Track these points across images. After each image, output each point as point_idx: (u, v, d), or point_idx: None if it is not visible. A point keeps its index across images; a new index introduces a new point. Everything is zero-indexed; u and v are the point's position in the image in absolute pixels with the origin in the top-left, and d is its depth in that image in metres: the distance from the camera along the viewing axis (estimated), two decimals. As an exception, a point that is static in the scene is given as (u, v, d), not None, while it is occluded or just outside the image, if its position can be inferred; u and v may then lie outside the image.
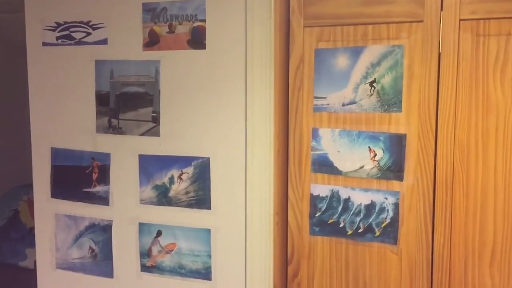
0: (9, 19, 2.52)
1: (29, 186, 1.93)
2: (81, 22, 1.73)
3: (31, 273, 2.02)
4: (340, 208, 1.56)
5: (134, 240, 1.74)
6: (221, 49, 1.58)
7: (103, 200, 1.76)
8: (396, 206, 1.50)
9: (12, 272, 3.05)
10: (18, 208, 3.31)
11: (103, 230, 1.77)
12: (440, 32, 1.41)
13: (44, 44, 1.79)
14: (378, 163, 1.51)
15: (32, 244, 1.95)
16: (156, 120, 1.67)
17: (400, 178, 1.49)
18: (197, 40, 1.60)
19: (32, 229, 1.94)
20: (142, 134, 1.69)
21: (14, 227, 3.27)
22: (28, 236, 3.14)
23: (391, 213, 1.51)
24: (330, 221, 1.58)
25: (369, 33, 1.49)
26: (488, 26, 1.37)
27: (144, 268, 1.73)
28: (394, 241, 1.51)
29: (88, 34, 1.73)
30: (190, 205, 1.66)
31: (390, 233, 1.51)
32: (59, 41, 1.77)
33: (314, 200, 1.59)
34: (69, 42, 1.75)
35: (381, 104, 1.49)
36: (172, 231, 1.69)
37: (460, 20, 1.39)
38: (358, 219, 1.54)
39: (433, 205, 1.46)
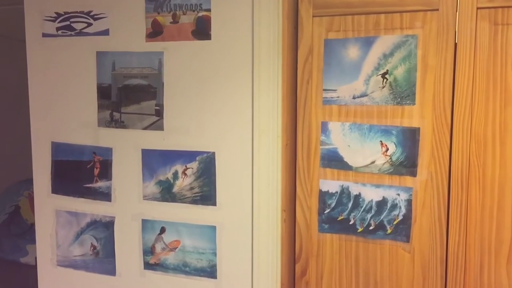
0: (8, 12, 2.47)
1: (30, 181, 1.89)
2: (82, 12, 1.68)
3: (33, 269, 1.99)
4: (350, 205, 1.51)
5: (137, 237, 1.69)
6: (227, 40, 1.53)
7: (105, 196, 1.71)
8: (409, 202, 1.45)
9: (13, 268, 3.03)
10: (19, 203, 3.28)
11: (105, 227, 1.73)
12: (456, 21, 1.36)
13: (44, 35, 1.74)
14: (390, 158, 1.46)
15: (33, 240, 1.91)
16: (159, 113, 1.62)
17: (413, 173, 1.44)
18: (202, 30, 1.55)
19: (33, 225, 1.91)
20: (145, 128, 1.64)
21: (15, 222, 3.24)
22: (29, 232, 3.11)
23: (403, 210, 1.46)
24: (340, 218, 1.53)
25: (381, 22, 1.43)
26: (507, 15, 1.32)
27: (147, 265, 1.69)
28: (407, 238, 1.46)
29: (89, 24, 1.68)
30: (194, 201, 1.61)
31: (403, 230, 1.46)
32: (59, 32, 1.72)
33: (323, 196, 1.54)
34: (70, 33, 1.70)
35: (393, 97, 1.44)
36: (176, 228, 1.64)
37: (478, 8, 1.33)
38: (369, 216, 1.49)
39: (447, 201, 1.41)
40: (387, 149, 1.46)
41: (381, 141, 1.46)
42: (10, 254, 3.12)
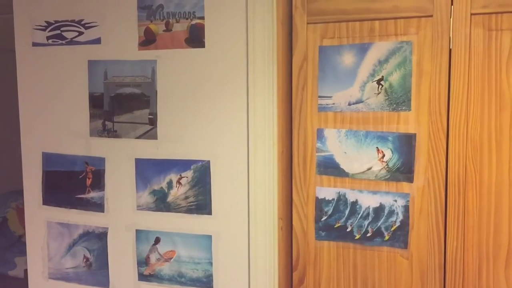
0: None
1: (18, 193, 1.86)
2: (73, 21, 1.66)
3: (21, 282, 1.95)
4: (347, 212, 1.51)
5: (131, 248, 1.66)
6: (221, 48, 1.52)
7: (98, 206, 1.69)
8: (406, 208, 1.44)
9: (1, 282, 2.97)
10: (7, 215, 3.22)
11: (98, 238, 1.70)
12: (450, 27, 1.36)
13: (34, 44, 1.71)
14: (387, 164, 1.45)
15: (21, 252, 1.88)
16: (153, 122, 1.60)
17: (410, 179, 1.43)
18: (195, 38, 1.54)
19: (21, 237, 1.87)
20: (139, 137, 1.62)
21: (3, 235, 3.19)
22: (17, 244, 3.06)
23: (401, 216, 1.45)
24: (337, 225, 1.52)
25: (376, 29, 1.43)
26: (501, 20, 1.32)
27: (142, 277, 1.66)
28: (404, 245, 1.46)
29: (81, 33, 1.66)
30: (189, 210, 1.59)
31: (400, 236, 1.46)
32: (50, 41, 1.69)
33: (320, 203, 1.53)
34: (61, 42, 1.68)
35: (389, 103, 1.44)
36: (171, 238, 1.62)
37: (472, 14, 1.34)
38: (366, 222, 1.49)
39: (445, 207, 1.41)
40: (384, 155, 1.46)
41: (377, 147, 1.46)
42: (-2, 267, 3.06)
